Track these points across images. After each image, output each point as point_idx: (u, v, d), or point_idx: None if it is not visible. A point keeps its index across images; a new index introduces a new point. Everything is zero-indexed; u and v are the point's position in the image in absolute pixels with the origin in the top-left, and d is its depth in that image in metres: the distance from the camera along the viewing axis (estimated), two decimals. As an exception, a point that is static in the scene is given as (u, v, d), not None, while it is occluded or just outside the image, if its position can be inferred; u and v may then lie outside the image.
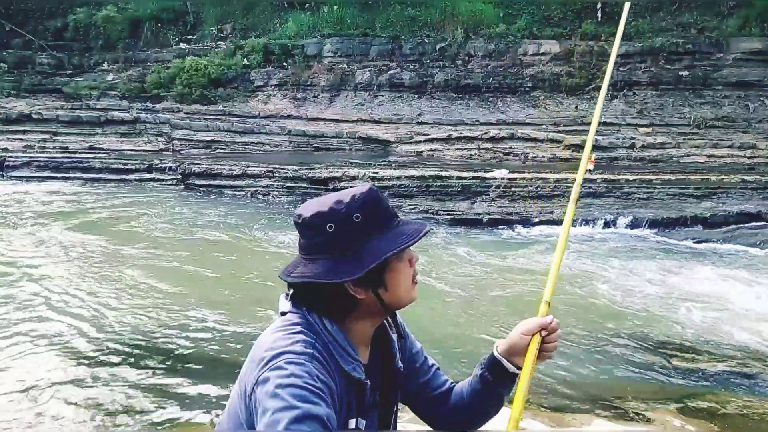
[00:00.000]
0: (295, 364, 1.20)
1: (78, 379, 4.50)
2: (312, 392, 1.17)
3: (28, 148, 14.63)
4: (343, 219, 1.32)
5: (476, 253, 8.41)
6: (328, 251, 1.32)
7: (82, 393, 4.29)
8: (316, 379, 1.20)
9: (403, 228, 1.37)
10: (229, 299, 6.33)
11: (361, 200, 1.34)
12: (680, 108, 13.67)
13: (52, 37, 18.48)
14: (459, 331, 5.60)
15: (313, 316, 1.34)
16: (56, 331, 5.36)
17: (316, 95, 15.67)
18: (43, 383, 4.40)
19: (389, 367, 1.47)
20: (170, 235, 9.11)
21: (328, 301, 1.33)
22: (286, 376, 1.18)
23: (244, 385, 1.28)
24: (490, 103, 14.71)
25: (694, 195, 10.13)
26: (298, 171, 11.96)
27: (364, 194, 1.35)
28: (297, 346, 1.25)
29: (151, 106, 15.87)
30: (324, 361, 1.27)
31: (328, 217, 1.32)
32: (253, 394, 1.22)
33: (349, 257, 1.31)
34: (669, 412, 3.98)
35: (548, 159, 12.60)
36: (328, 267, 1.31)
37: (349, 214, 1.32)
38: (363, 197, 1.35)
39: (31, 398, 4.21)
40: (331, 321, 1.34)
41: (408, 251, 1.39)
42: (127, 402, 4.19)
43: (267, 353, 1.24)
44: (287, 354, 1.23)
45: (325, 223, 1.32)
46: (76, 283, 6.71)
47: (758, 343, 5.39)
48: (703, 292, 6.76)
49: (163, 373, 4.63)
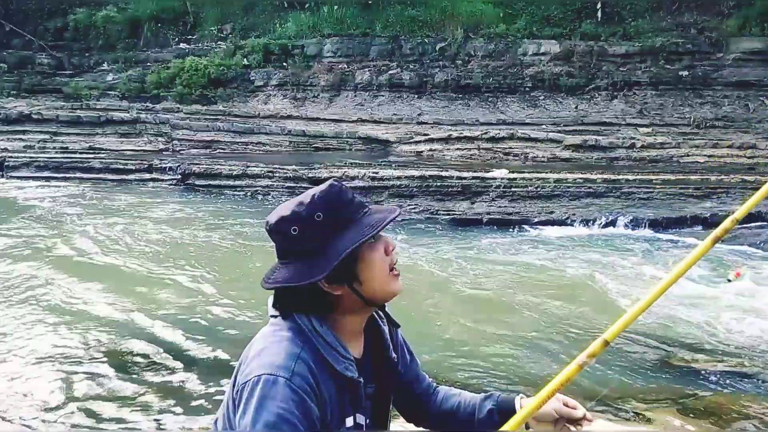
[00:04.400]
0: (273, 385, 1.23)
1: (78, 379, 4.50)
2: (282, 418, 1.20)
3: (28, 148, 14.61)
4: (304, 220, 1.32)
5: (476, 253, 8.40)
6: (297, 254, 1.33)
7: (82, 394, 4.29)
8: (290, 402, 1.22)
9: (369, 218, 1.35)
10: (230, 299, 6.33)
11: (321, 198, 1.34)
12: (680, 108, 13.67)
13: (52, 37, 18.46)
14: (458, 332, 5.60)
15: (302, 317, 1.34)
16: (56, 331, 5.36)
17: (316, 95, 15.66)
18: (43, 383, 4.40)
19: (382, 357, 1.48)
20: (170, 234, 9.10)
21: (309, 301, 1.34)
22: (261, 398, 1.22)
23: (233, 390, 1.32)
24: (490, 103, 14.71)
25: (694, 195, 10.12)
26: (298, 171, 11.95)
27: (324, 191, 1.35)
28: (279, 359, 1.26)
29: (151, 106, 15.86)
30: (310, 370, 1.28)
31: (291, 221, 1.33)
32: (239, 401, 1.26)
33: (317, 257, 1.31)
34: (669, 412, 3.98)
35: (548, 159, 12.59)
36: (299, 269, 1.32)
37: (311, 214, 1.32)
38: (323, 195, 1.34)
39: (32, 397, 4.21)
40: (320, 320, 1.35)
41: (383, 239, 1.39)
42: (128, 402, 4.19)
43: (253, 364, 1.27)
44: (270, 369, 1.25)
45: (289, 226, 1.33)
46: (75, 283, 6.71)
47: (758, 343, 5.39)
48: (703, 292, 6.75)
49: (164, 374, 4.63)
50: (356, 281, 1.34)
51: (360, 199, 1.40)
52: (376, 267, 1.36)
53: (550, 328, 5.70)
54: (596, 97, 14.22)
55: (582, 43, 14.64)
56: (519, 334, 5.50)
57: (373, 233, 1.33)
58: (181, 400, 4.24)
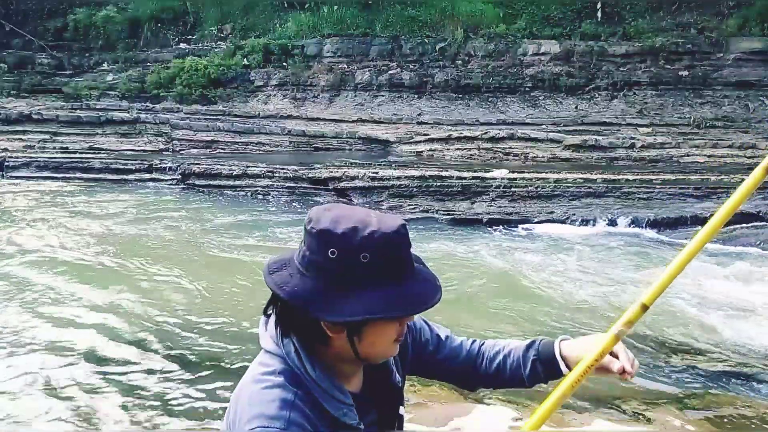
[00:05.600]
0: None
1: (78, 379, 4.50)
2: None
3: (28, 148, 14.61)
4: (349, 252, 1.15)
5: (476, 253, 8.40)
6: (321, 275, 1.17)
7: (84, 393, 4.29)
8: None
9: (409, 288, 1.19)
10: (230, 299, 6.33)
11: (379, 240, 1.16)
12: (680, 108, 13.67)
13: (52, 37, 18.45)
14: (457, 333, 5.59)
15: (293, 358, 1.22)
16: (56, 332, 5.36)
17: (316, 95, 15.66)
18: (42, 382, 4.40)
19: (387, 384, 1.37)
20: (170, 235, 9.10)
21: (303, 326, 1.21)
22: None
23: None
24: (490, 103, 14.71)
25: (694, 195, 10.13)
26: (298, 171, 11.95)
27: (386, 235, 1.16)
28: (273, 408, 1.16)
29: (151, 106, 15.86)
30: (306, 417, 1.18)
31: (335, 242, 1.15)
32: None
33: (336, 293, 1.15)
34: (669, 412, 3.98)
35: (548, 159, 12.59)
36: (311, 291, 1.17)
37: (359, 251, 1.14)
38: (383, 238, 1.16)
39: (31, 396, 4.21)
40: (313, 364, 1.22)
41: None
42: (128, 403, 4.19)
43: (244, 413, 1.18)
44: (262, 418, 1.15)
45: (329, 245, 1.15)
46: (75, 284, 6.71)
47: (758, 343, 5.39)
48: (703, 292, 6.75)
49: (166, 376, 4.63)
50: (357, 336, 1.21)
51: (414, 255, 1.24)
52: (386, 335, 1.23)
53: (550, 327, 5.71)
54: (596, 97, 14.23)
55: (582, 43, 14.64)
56: (519, 334, 5.50)
57: (405, 315, 1.20)
58: (179, 401, 4.24)
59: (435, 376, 1.57)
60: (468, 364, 1.53)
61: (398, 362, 1.41)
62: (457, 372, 1.54)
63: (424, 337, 1.51)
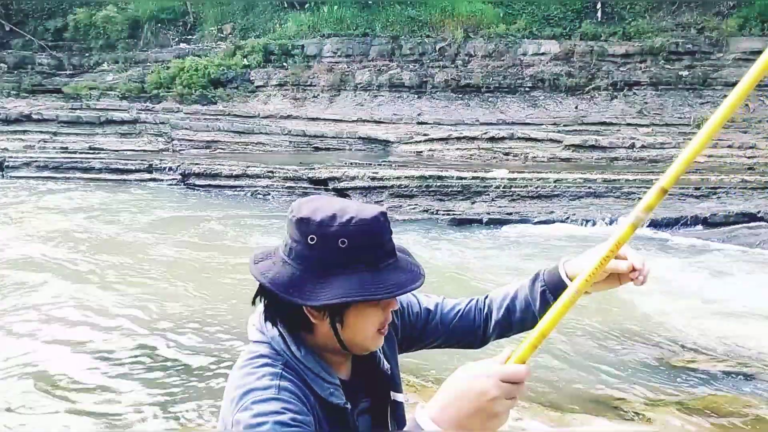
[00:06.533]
0: (262, 402, 1.13)
1: (78, 379, 4.50)
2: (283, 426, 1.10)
3: (28, 148, 14.62)
4: (327, 238, 1.17)
5: (476, 253, 8.41)
6: (302, 262, 1.19)
7: (84, 394, 4.29)
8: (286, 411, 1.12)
9: (389, 275, 1.19)
10: (230, 299, 6.33)
11: (357, 226, 1.17)
12: (680, 108, 13.68)
13: (52, 37, 18.48)
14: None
15: (278, 341, 1.23)
16: (55, 332, 5.36)
17: (316, 95, 15.68)
18: (43, 382, 4.40)
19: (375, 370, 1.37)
20: (170, 234, 9.11)
21: (288, 313, 1.22)
22: (254, 416, 1.11)
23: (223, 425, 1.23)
24: (490, 103, 14.72)
25: (694, 195, 10.13)
26: (298, 171, 11.96)
27: (364, 221, 1.18)
28: (263, 381, 1.17)
29: (151, 106, 15.87)
30: (296, 385, 1.19)
31: (314, 229, 1.18)
32: None
33: (316, 279, 1.17)
34: (669, 412, 3.98)
35: (548, 159, 12.60)
36: (293, 278, 1.18)
37: (337, 236, 1.16)
38: (361, 224, 1.18)
39: (32, 395, 4.21)
40: (298, 345, 1.23)
41: None
42: (128, 402, 4.19)
43: (236, 392, 1.18)
44: (254, 392, 1.15)
45: (309, 232, 1.18)
46: (74, 284, 6.71)
47: (758, 343, 5.39)
48: (703, 292, 6.76)
49: (164, 375, 4.63)
50: (339, 322, 1.21)
51: (394, 245, 1.24)
52: (368, 322, 1.23)
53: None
54: (596, 97, 14.23)
55: (582, 43, 14.65)
56: (519, 334, 5.49)
57: (381, 298, 1.19)
58: (179, 400, 4.24)
59: (436, 345, 1.55)
60: (467, 321, 1.52)
61: (386, 350, 1.41)
62: (457, 333, 1.53)
63: (413, 312, 1.50)
